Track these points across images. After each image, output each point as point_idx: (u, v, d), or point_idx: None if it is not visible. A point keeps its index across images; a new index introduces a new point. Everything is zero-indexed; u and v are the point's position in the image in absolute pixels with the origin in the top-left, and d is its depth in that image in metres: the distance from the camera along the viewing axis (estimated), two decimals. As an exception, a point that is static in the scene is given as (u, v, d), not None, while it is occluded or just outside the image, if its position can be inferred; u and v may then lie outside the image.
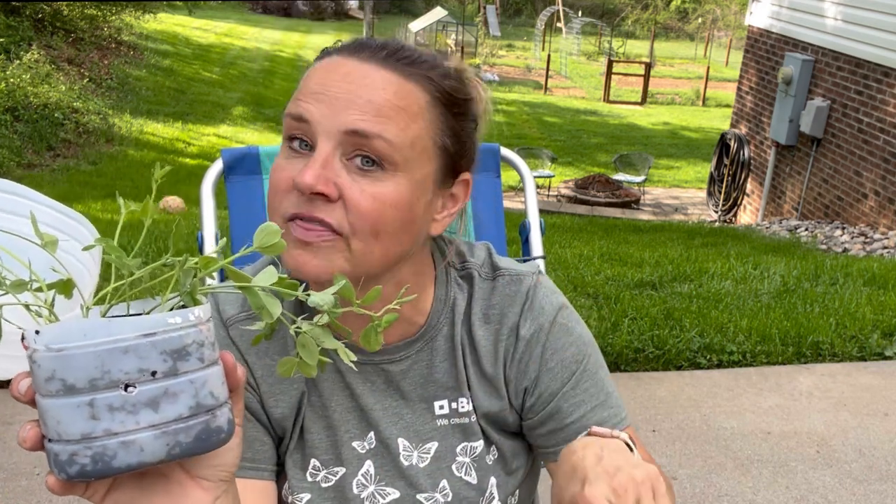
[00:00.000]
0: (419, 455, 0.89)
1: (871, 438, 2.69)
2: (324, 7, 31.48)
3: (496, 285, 0.90)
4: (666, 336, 3.24)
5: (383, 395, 0.88)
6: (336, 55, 0.78)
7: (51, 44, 12.66)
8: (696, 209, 11.48)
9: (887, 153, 6.89)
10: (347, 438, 0.88)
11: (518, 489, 0.94)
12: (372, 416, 0.88)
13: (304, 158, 0.75)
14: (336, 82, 0.75)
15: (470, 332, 0.89)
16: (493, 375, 0.90)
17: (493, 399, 0.90)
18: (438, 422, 0.89)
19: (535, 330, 0.88)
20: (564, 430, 0.89)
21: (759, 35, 9.18)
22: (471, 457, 0.90)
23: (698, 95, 20.96)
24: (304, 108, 0.75)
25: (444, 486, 0.89)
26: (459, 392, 0.89)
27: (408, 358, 0.88)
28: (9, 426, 2.44)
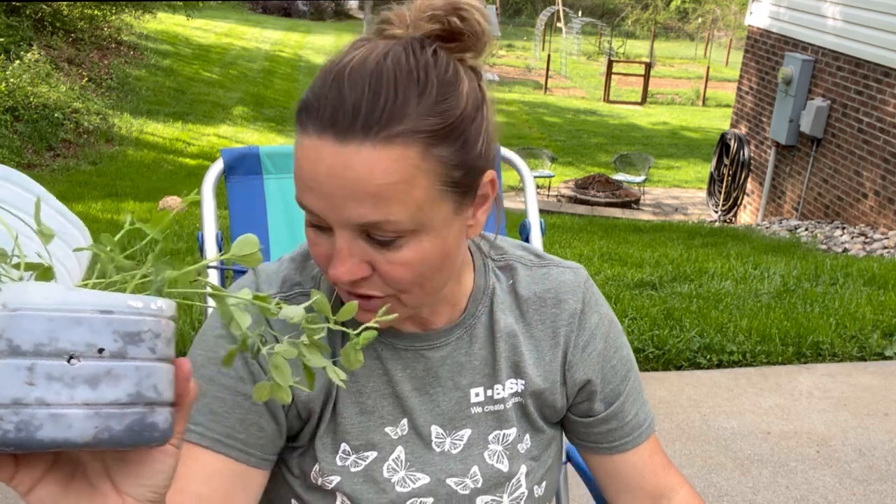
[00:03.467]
0: (452, 442, 0.90)
1: (871, 438, 2.69)
2: (324, 7, 31.48)
3: (548, 273, 0.94)
4: (666, 336, 3.24)
5: (421, 382, 0.89)
6: (315, 136, 0.72)
7: (51, 44, 12.66)
8: (696, 209, 11.48)
9: (887, 153, 6.89)
10: (380, 424, 0.88)
11: (545, 479, 0.95)
12: (407, 402, 0.88)
13: (329, 236, 0.76)
14: (324, 177, 0.72)
15: (523, 317, 0.92)
16: (550, 356, 0.93)
17: (546, 378, 0.93)
18: (473, 409, 0.90)
19: (598, 322, 0.95)
20: (623, 428, 0.96)
21: (759, 35, 9.18)
22: (503, 444, 0.92)
23: (698, 95, 20.96)
24: (307, 201, 0.74)
25: (475, 473, 0.90)
26: (495, 379, 0.91)
27: (448, 345, 0.89)
28: (9, 426, 2.44)
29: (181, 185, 8.88)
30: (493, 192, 0.81)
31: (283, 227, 1.47)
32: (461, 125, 0.74)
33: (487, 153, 0.79)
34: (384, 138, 0.70)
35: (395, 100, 0.71)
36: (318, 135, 0.71)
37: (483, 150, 0.78)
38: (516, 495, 0.92)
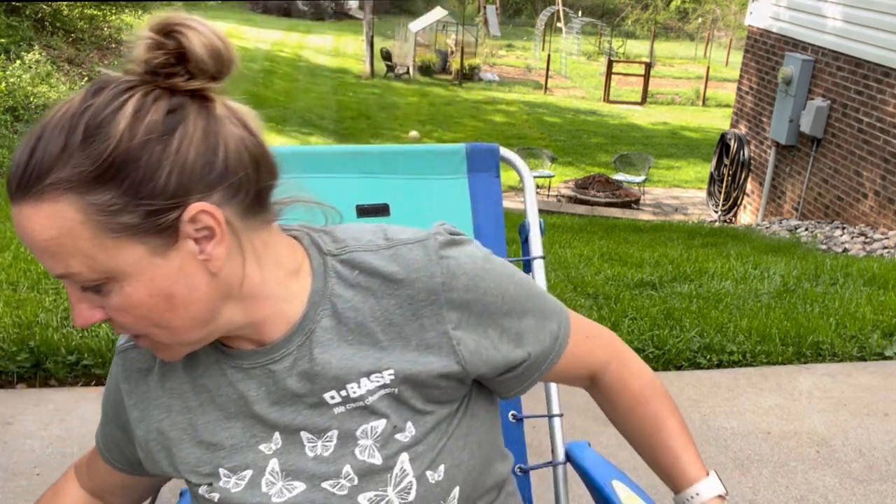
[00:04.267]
0: (323, 444, 0.89)
1: (871, 438, 2.69)
2: (324, 7, 31.48)
3: (397, 252, 0.88)
4: (666, 336, 3.24)
5: (277, 396, 0.88)
6: (13, 202, 0.74)
7: (51, 44, 12.66)
8: (696, 209, 11.49)
9: (887, 153, 6.89)
10: (254, 443, 0.89)
11: (441, 462, 0.90)
12: (271, 417, 0.89)
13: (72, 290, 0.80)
14: (28, 241, 0.75)
15: (378, 304, 0.87)
16: (418, 339, 0.87)
17: (419, 362, 0.87)
18: (335, 410, 0.88)
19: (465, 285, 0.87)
20: (539, 359, 0.95)
21: (759, 35, 9.18)
22: (373, 438, 0.88)
23: (698, 95, 20.97)
24: (41, 260, 0.77)
25: (349, 472, 0.88)
26: (347, 379, 0.87)
27: (289, 354, 0.87)
28: (9, 426, 2.44)
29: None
30: (216, 224, 0.75)
31: (282, 227, 1.47)
32: (120, 165, 0.70)
33: (183, 185, 0.73)
34: (35, 195, 0.70)
35: (45, 153, 0.70)
36: (9, 198, 0.74)
37: (172, 184, 0.72)
38: (403, 486, 0.88)
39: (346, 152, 1.52)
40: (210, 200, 0.75)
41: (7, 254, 3.83)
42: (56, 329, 2.87)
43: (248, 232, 0.81)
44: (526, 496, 1.44)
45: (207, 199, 0.75)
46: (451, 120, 17.29)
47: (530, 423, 2.53)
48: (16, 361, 2.70)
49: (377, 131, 15.54)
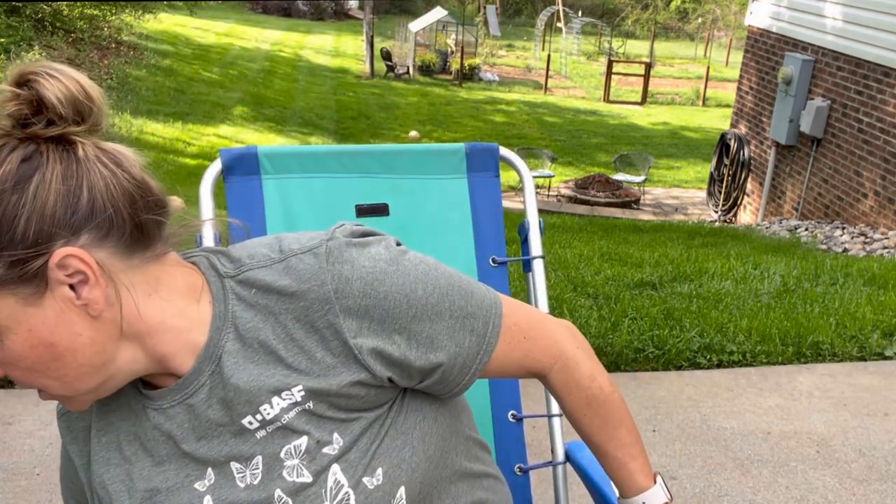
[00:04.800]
0: (251, 473, 0.87)
1: (871, 438, 2.69)
2: (324, 7, 31.48)
3: (288, 265, 0.85)
4: (666, 336, 3.24)
5: (201, 431, 0.86)
6: None
7: (51, 44, 12.67)
8: (696, 209, 11.49)
9: (887, 153, 6.89)
10: (188, 482, 0.87)
11: (377, 465, 0.87)
12: (198, 454, 0.87)
13: None
14: None
15: (277, 321, 0.85)
16: (322, 352, 0.85)
17: (327, 376, 0.85)
18: (258, 435, 0.86)
19: (360, 292, 0.84)
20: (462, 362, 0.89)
21: (759, 35, 9.18)
22: (298, 456, 0.86)
23: (698, 95, 20.96)
24: None
25: (280, 495, 0.86)
26: (257, 402, 0.85)
27: (204, 385, 0.85)
28: (9, 426, 2.44)
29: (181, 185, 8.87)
30: (87, 267, 0.75)
31: (281, 228, 1.47)
32: None
33: (45, 231, 0.73)
34: None
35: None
36: None
37: (32, 231, 0.73)
38: (340, 498, 0.86)
39: (346, 152, 1.52)
40: (77, 244, 0.74)
41: (7, 254, 3.83)
42: (56, 329, 2.87)
43: (131, 270, 0.79)
44: (526, 496, 1.43)
45: (74, 243, 0.74)
46: (451, 120, 17.29)
47: (530, 422, 2.52)
48: (15, 361, 2.71)
49: (377, 131, 15.54)
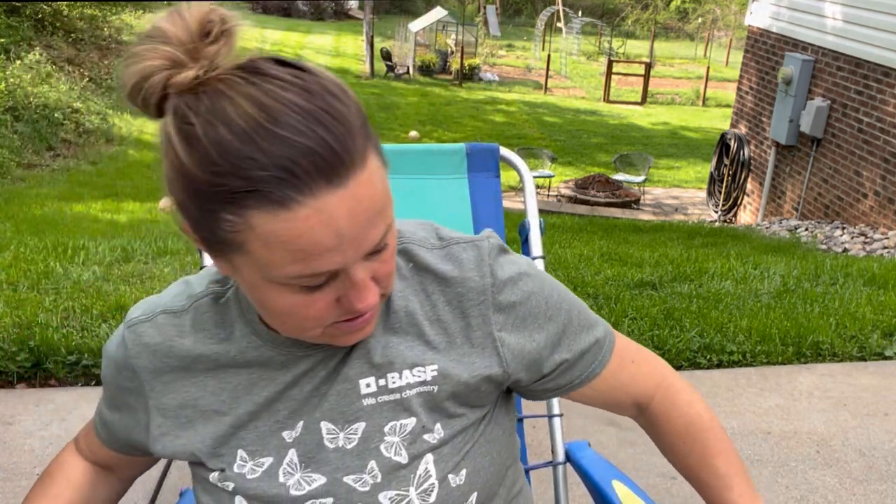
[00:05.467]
0: (346, 437, 0.87)
1: (871, 438, 2.69)
2: (324, 7, 31.48)
3: (449, 252, 0.89)
4: (666, 336, 3.24)
5: (318, 382, 0.87)
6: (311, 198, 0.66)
7: (51, 44, 12.67)
8: (696, 209, 11.49)
9: (887, 153, 6.89)
10: (277, 428, 0.87)
11: (463, 466, 0.89)
12: (304, 405, 0.87)
13: (321, 290, 0.74)
14: (345, 228, 0.69)
15: (428, 300, 0.88)
16: (463, 339, 0.88)
17: (462, 363, 0.88)
18: (365, 401, 0.87)
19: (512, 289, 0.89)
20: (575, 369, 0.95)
21: (759, 35, 9.18)
22: (400, 435, 0.87)
23: (698, 95, 20.96)
24: (321, 266, 0.70)
25: (373, 468, 0.86)
26: (389, 367, 0.87)
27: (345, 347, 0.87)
28: (9, 426, 2.44)
29: (181, 185, 8.86)
30: None
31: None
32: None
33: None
34: (361, 157, 0.69)
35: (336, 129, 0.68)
36: (312, 196, 0.66)
37: None
38: (425, 487, 0.87)
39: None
40: None
41: (7, 254, 3.83)
42: (56, 329, 2.87)
43: None
44: (526, 496, 1.43)
45: None
46: (451, 120, 17.29)
47: (530, 422, 2.53)
48: (16, 361, 2.70)
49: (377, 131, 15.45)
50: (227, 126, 0.65)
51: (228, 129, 0.65)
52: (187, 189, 0.69)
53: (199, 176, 0.67)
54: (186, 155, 0.67)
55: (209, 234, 0.70)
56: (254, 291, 0.75)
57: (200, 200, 0.68)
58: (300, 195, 0.66)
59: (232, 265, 0.74)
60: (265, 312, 0.78)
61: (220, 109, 0.66)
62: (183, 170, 0.68)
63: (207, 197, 0.67)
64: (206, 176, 0.66)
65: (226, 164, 0.65)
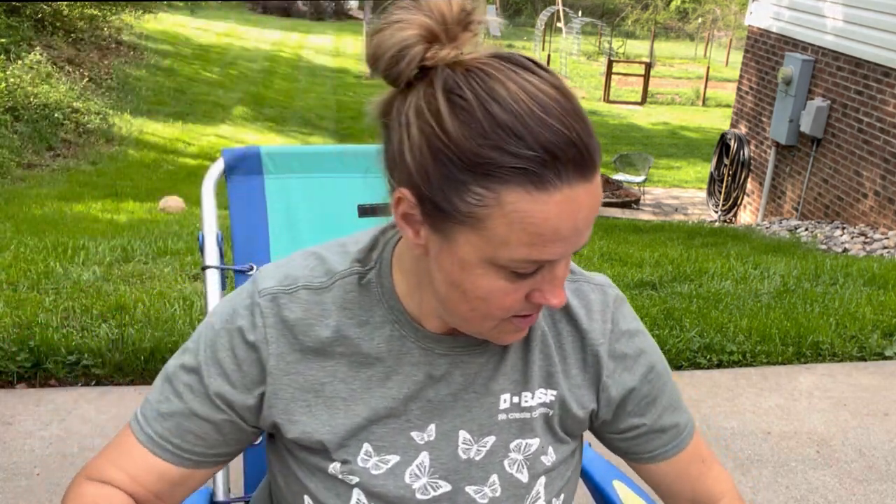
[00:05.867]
0: (477, 448, 0.88)
1: (871, 438, 2.69)
2: (324, 7, 31.47)
3: (579, 289, 0.93)
4: (666, 336, 3.24)
5: (458, 387, 0.87)
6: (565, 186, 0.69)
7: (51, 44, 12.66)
8: (696, 209, 11.48)
9: (887, 153, 6.89)
10: (407, 427, 0.86)
11: (563, 491, 0.93)
12: (439, 408, 0.86)
13: (524, 279, 0.75)
14: (581, 221, 0.72)
15: (555, 327, 0.91)
16: (577, 371, 0.92)
17: (572, 392, 0.91)
18: (500, 416, 0.88)
19: (629, 340, 0.93)
20: (657, 440, 0.97)
21: (759, 35, 9.18)
22: (524, 454, 0.89)
23: (698, 95, 20.96)
24: (547, 254, 0.72)
25: (494, 482, 0.88)
26: (525, 386, 0.89)
27: (487, 350, 0.87)
28: (9, 426, 2.44)
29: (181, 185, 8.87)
30: None
31: (283, 227, 1.47)
32: None
33: None
34: (599, 161, 0.72)
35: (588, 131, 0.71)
36: (568, 184, 0.69)
37: None
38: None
39: (348, 152, 1.52)
40: None
41: (7, 254, 3.83)
42: (56, 329, 2.87)
43: None
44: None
45: None
46: (451, 120, 17.24)
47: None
48: (16, 361, 2.70)
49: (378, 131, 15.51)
50: (501, 105, 0.68)
51: (501, 107, 0.68)
52: (441, 155, 0.70)
53: (463, 144, 0.68)
54: (454, 123, 0.68)
55: (447, 204, 0.71)
56: (458, 272, 0.75)
57: (453, 169, 0.69)
58: (559, 180, 0.68)
59: (448, 241, 0.74)
60: (456, 296, 0.77)
61: (493, 89, 0.68)
62: (445, 137, 0.69)
63: (464, 166, 0.68)
64: (471, 146, 0.68)
65: (497, 138, 0.67)
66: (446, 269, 0.76)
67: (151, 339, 2.84)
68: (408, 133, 0.72)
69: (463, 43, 0.73)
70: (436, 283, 0.78)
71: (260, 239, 1.46)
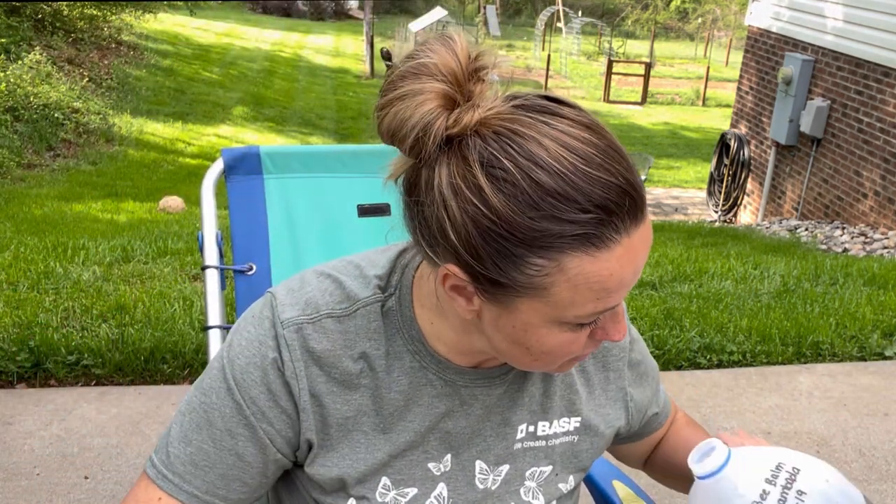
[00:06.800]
0: (493, 478, 0.87)
1: (871, 438, 2.69)
2: (324, 7, 31.46)
3: None
4: (666, 336, 3.24)
5: (476, 419, 0.85)
6: (622, 235, 0.66)
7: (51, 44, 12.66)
8: (696, 209, 11.48)
9: (887, 153, 6.89)
10: (423, 459, 0.84)
11: None
12: (456, 439, 0.85)
13: (592, 324, 0.73)
14: (639, 265, 0.70)
15: None
16: (601, 390, 0.93)
17: (598, 413, 0.93)
18: (515, 445, 0.88)
19: (638, 349, 0.98)
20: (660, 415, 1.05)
21: (759, 35, 9.18)
22: (537, 481, 0.89)
23: (698, 95, 20.96)
24: (616, 300, 0.70)
25: None
26: (543, 416, 0.89)
27: (505, 383, 0.86)
28: (9, 426, 2.44)
29: (181, 185, 8.87)
30: None
31: (283, 227, 1.47)
32: None
33: None
34: (644, 190, 0.70)
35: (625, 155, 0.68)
36: (625, 232, 0.66)
37: None
38: None
39: (347, 152, 1.52)
40: None
41: (7, 254, 3.83)
42: (56, 329, 2.87)
43: None
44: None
45: None
46: (451, 120, 17.23)
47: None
48: (16, 361, 2.70)
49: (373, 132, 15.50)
50: (544, 169, 0.64)
51: (546, 172, 0.64)
52: (489, 233, 0.65)
53: (513, 220, 0.64)
54: (499, 199, 0.64)
55: (505, 277, 0.67)
56: (521, 334, 0.72)
57: (506, 245, 0.65)
58: (617, 234, 0.66)
59: (508, 309, 0.70)
60: (520, 352, 0.74)
61: (531, 154, 0.64)
62: (491, 214, 0.64)
63: (519, 241, 0.65)
64: (523, 220, 0.64)
65: (549, 207, 0.64)
66: (506, 332, 0.73)
67: (151, 339, 2.84)
68: (447, 212, 0.67)
69: (480, 97, 0.68)
70: (493, 340, 0.76)
71: (259, 239, 1.45)
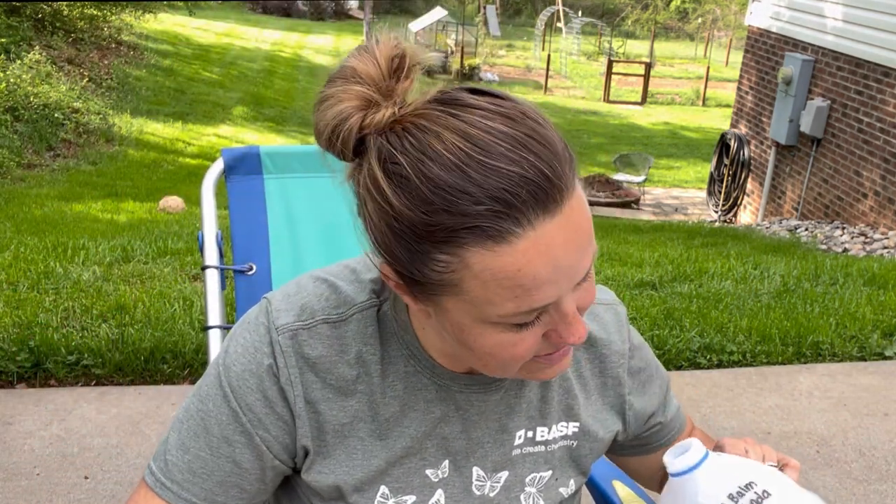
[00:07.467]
0: (491, 485, 0.87)
1: (871, 438, 2.69)
2: (324, 7, 31.46)
3: (592, 310, 0.91)
4: (666, 336, 3.24)
5: (471, 425, 0.85)
6: (530, 228, 0.63)
7: (51, 44, 12.66)
8: (696, 209, 11.48)
9: (887, 153, 6.89)
10: (421, 466, 0.84)
11: None
12: (453, 445, 0.84)
13: (531, 326, 0.70)
14: (562, 258, 0.65)
15: (574, 357, 0.90)
16: (597, 396, 0.92)
17: (596, 419, 0.92)
18: (514, 452, 0.87)
19: (641, 356, 0.96)
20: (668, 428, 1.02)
21: (759, 35, 9.18)
22: (537, 486, 0.89)
23: (698, 95, 20.96)
24: (541, 298, 0.66)
25: None
26: (542, 421, 0.88)
27: (502, 388, 0.85)
28: (9, 426, 2.44)
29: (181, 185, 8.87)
30: None
31: (282, 227, 1.47)
32: None
33: None
34: (570, 182, 0.65)
35: (548, 144, 0.65)
36: (529, 225, 0.63)
37: None
38: None
39: (347, 152, 1.51)
40: None
41: (7, 254, 3.83)
42: (56, 329, 2.87)
43: None
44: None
45: None
46: (451, 120, 17.23)
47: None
48: (16, 361, 2.70)
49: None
50: (437, 161, 0.63)
51: (438, 164, 0.63)
52: (396, 230, 0.66)
53: (410, 216, 0.64)
54: (396, 195, 0.64)
55: (420, 276, 0.67)
56: (459, 333, 0.71)
57: (411, 241, 0.65)
58: (518, 227, 0.63)
59: (440, 307, 0.70)
60: (467, 353, 0.73)
61: (427, 146, 0.63)
62: (392, 211, 0.65)
63: (419, 237, 0.64)
64: (418, 215, 0.63)
65: (439, 201, 0.62)
66: (449, 331, 0.72)
67: (151, 338, 2.84)
68: (367, 211, 0.68)
69: (402, 94, 0.68)
70: (447, 342, 0.76)
71: (259, 238, 1.46)
